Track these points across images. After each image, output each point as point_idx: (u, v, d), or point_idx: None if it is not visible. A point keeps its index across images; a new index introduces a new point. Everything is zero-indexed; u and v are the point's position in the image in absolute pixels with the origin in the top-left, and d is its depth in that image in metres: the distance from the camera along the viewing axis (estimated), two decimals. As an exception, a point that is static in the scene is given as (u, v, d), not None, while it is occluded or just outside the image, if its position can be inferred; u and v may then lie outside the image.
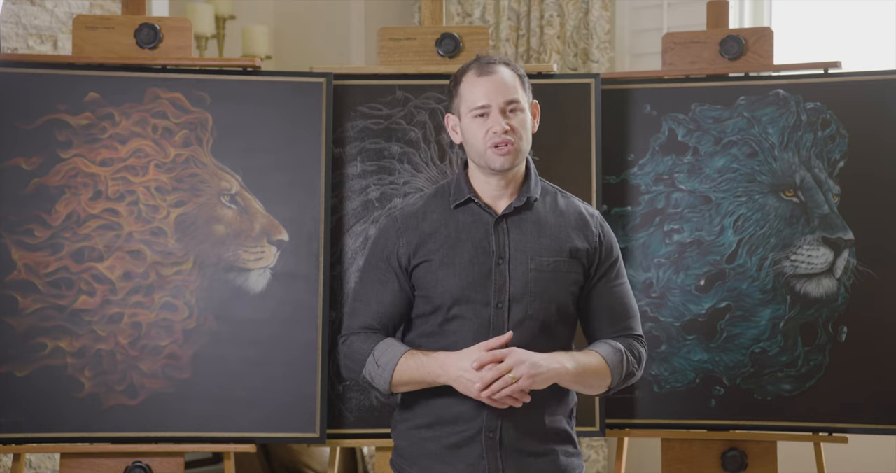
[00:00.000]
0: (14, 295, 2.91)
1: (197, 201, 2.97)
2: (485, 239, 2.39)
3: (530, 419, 2.37)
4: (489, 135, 2.34)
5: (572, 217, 2.45)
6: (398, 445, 2.47)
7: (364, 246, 3.02)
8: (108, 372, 2.92)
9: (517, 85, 2.38)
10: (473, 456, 2.36)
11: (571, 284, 2.40)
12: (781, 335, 3.04)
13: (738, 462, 3.07)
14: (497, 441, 2.35)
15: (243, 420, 2.94)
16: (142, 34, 3.02)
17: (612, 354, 2.39)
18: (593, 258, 2.43)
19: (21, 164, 2.92)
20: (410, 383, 2.37)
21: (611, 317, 2.45)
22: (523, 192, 2.41)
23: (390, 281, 2.44)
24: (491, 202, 2.42)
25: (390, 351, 2.37)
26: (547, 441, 2.39)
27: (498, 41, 4.73)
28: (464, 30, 3.14)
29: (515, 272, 2.36)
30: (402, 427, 2.46)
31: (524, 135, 2.37)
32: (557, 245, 2.40)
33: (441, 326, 2.38)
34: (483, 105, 2.35)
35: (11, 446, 2.91)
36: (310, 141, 3.00)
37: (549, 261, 2.38)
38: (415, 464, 2.42)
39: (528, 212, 2.42)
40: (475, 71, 2.38)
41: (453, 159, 3.05)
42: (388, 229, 2.47)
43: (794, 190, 3.05)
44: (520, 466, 2.36)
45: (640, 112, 3.14)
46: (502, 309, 2.35)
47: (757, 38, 3.12)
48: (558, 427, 2.41)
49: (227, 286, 2.96)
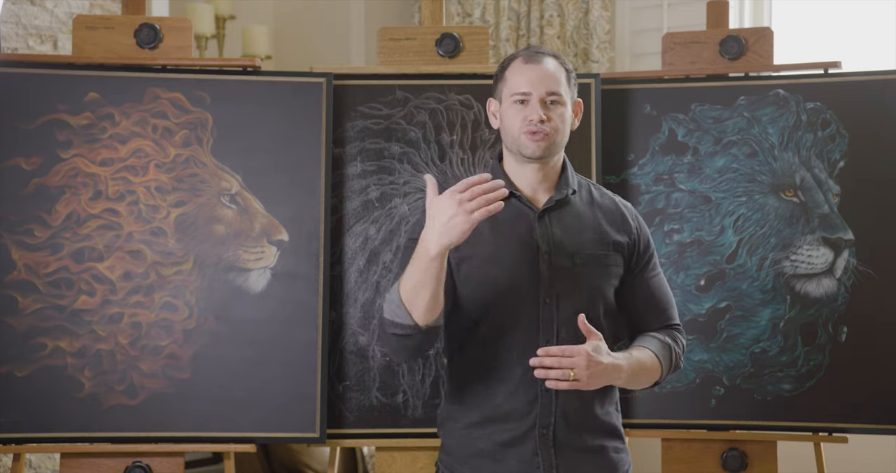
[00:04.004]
0: (14, 295, 2.91)
1: (197, 201, 2.97)
2: (528, 235, 2.36)
3: (582, 414, 2.35)
4: (525, 122, 2.34)
5: (609, 209, 2.44)
6: (446, 443, 2.44)
7: (364, 246, 3.02)
8: (108, 372, 2.92)
9: (562, 79, 2.37)
10: (527, 453, 2.33)
11: (614, 277, 2.39)
12: (781, 335, 3.04)
13: (738, 462, 3.07)
14: (551, 438, 2.33)
15: (243, 420, 2.94)
16: (142, 34, 3.02)
17: (662, 348, 2.38)
18: (633, 250, 2.42)
19: (21, 164, 2.92)
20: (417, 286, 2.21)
21: (654, 309, 2.45)
22: (562, 185, 2.40)
23: None
24: (531, 195, 2.40)
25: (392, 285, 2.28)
26: (599, 437, 2.38)
27: (498, 41, 4.73)
28: (464, 30, 3.14)
29: (561, 266, 2.34)
30: (451, 425, 2.43)
31: (561, 128, 2.36)
32: (600, 238, 2.39)
33: (490, 327, 2.35)
34: (524, 91, 2.34)
35: (11, 446, 2.91)
36: (310, 141, 3.00)
37: (594, 255, 2.37)
38: (466, 463, 2.39)
39: (567, 206, 2.40)
40: (523, 58, 2.38)
41: (453, 159, 3.05)
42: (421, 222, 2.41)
43: (794, 190, 3.05)
44: (573, 462, 2.34)
45: (640, 112, 3.14)
46: (550, 304, 2.33)
47: (757, 38, 3.12)
48: (608, 422, 2.40)
49: (227, 286, 2.96)
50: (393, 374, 3.01)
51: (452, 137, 3.04)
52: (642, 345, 2.39)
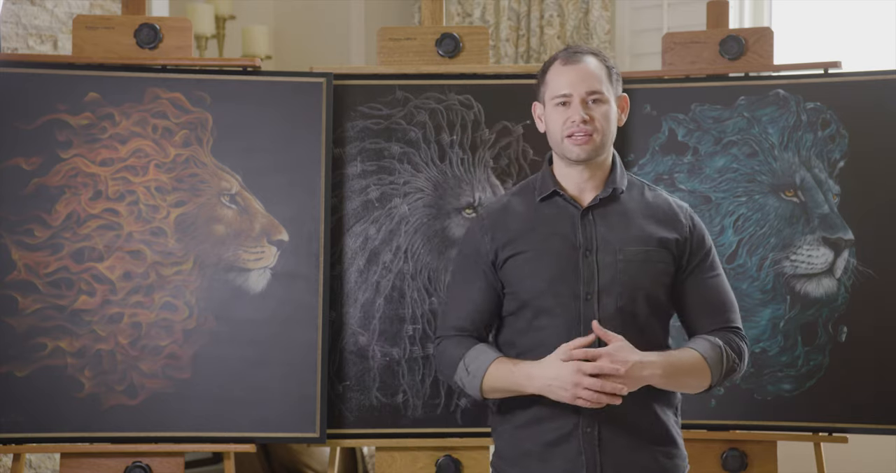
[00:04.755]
0: (14, 295, 2.90)
1: (197, 201, 2.97)
2: (571, 232, 2.37)
3: (630, 415, 2.33)
4: (567, 124, 2.34)
5: (660, 208, 2.43)
6: (498, 446, 2.46)
7: (364, 246, 3.02)
8: (108, 372, 2.92)
9: (602, 76, 2.37)
10: (572, 453, 2.33)
11: (662, 274, 2.38)
12: (781, 335, 3.04)
13: (738, 462, 3.07)
14: (596, 437, 2.32)
15: (243, 420, 2.94)
16: (142, 34, 3.02)
17: (711, 350, 2.35)
18: (684, 248, 2.41)
19: (21, 164, 2.92)
20: (500, 390, 2.36)
21: (708, 310, 2.42)
22: (609, 184, 2.40)
23: (479, 279, 2.43)
24: (577, 194, 2.41)
25: (480, 359, 2.36)
26: (646, 439, 2.36)
27: (498, 41, 4.73)
28: (464, 30, 3.14)
29: (603, 263, 2.34)
30: (501, 428, 2.44)
31: (605, 126, 2.36)
32: (646, 235, 2.38)
33: (531, 322, 2.36)
34: (565, 94, 2.35)
35: (11, 446, 2.91)
36: (310, 141, 3.00)
37: (637, 251, 2.36)
38: (515, 465, 2.39)
39: (614, 204, 2.41)
40: (562, 60, 2.39)
41: (453, 159, 3.05)
42: (473, 228, 2.48)
43: (794, 190, 3.05)
44: (618, 463, 2.33)
45: (640, 112, 3.13)
46: (591, 301, 2.33)
47: (757, 38, 3.12)
48: (659, 426, 2.38)
49: (227, 286, 2.96)
50: (393, 374, 3.01)
51: (452, 137, 3.04)
52: (688, 346, 2.38)
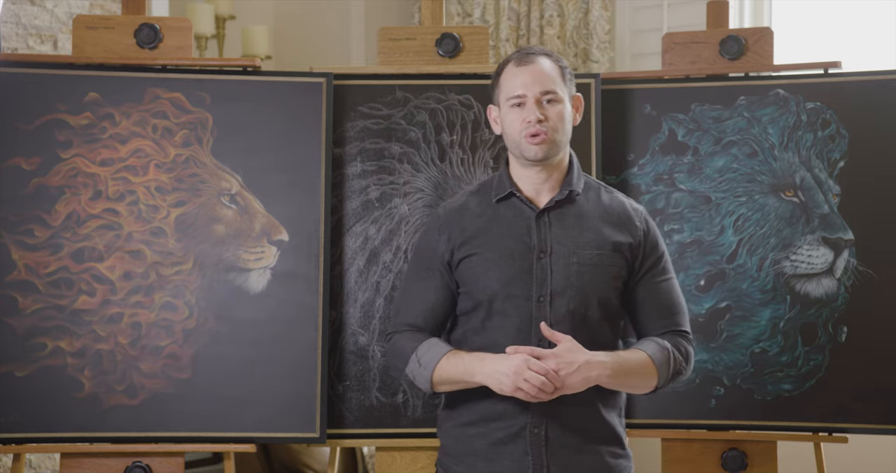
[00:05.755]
0: (14, 295, 2.90)
1: (197, 201, 2.97)
2: (526, 234, 2.38)
3: (577, 416, 2.35)
4: (523, 124, 2.35)
5: (616, 211, 2.44)
6: (444, 443, 2.46)
7: (364, 246, 3.02)
8: (108, 372, 2.92)
9: (556, 76, 2.37)
10: (518, 453, 2.34)
11: (614, 278, 2.39)
12: (781, 335, 3.04)
13: (738, 462, 3.07)
14: (542, 438, 2.33)
15: (243, 420, 2.94)
16: (142, 34, 3.02)
17: (658, 352, 2.37)
18: (637, 252, 2.42)
19: (21, 164, 2.92)
20: (450, 382, 2.37)
21: (657, 313, 2.44)
22: (565, 186, 2.41)
23: (433, 278, 2.44)
24: (533, 196, 2.41)
25: (433, 351, 2.38)
26: (593, 440, 2.38)
27: (498, 41, 4.73)
28: (464, 30, 3.14)
29: (557, 266, 2.35)
30: (448, 425, 2.45)
31: (560, 126, 2.37)
32: (600, 238, 2.39)
33: (484, 322, 2.38)
34: (519, 94, 2.36)
35: (11, 446, 2.91)
36: (310, 141, 3.00)
37: (591, 255, 2.37)
38: (461, 462, 2.40)
39: (570, 206, 2.41)
40: (515, 61, 2.39)
41: (453, 159, 3.05)
42: (430, 226, 2.49)
43: (794, 190, 3.05)
44: (565, 463, 2.34)
45: (640, 112, 3.14)
46: (544, 303, 2.34)
47: (757, 38, 3.12)
48: (605, 426, 2.39)
49: (227, 286, 2.96)
50: (393, 374, 3.01)
51: (452, 137, 3.04)
52: (636, 348, 2.39)
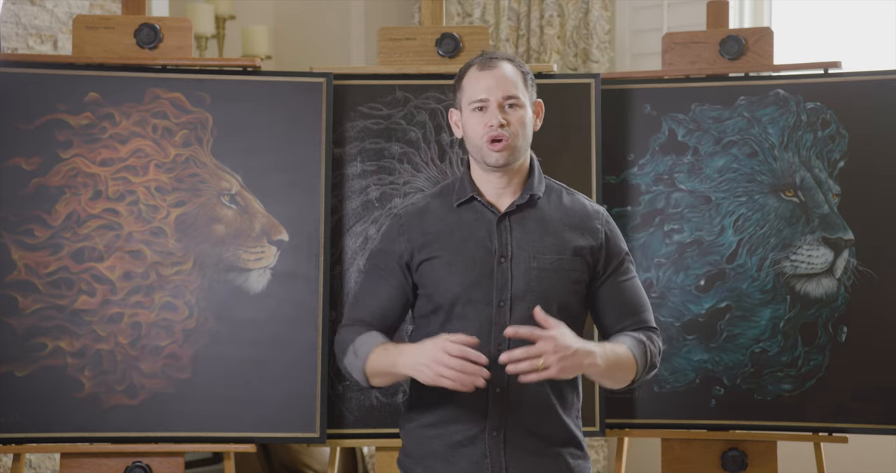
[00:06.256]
0: (14, 295, 2.91)
1: (197, 201, 2.97)
2: (487, 238, 2.38)
3: (535, 419, 2.35)
4: (485, 129, 2.35)
5: (577, 214, 2.43)
6: (405, 444, 2.46)
7: (364, 246, 3.02)
8: (108, 372, 2.92)
9: (518, 81, 2.37)
10: (477, 455, 2.34)
11: (575, 283, 2.39)
12: (781, 335, 3.04)
13: (738, 462, 3.07)
14: (501, 440, 2.34)
15: (243, 420, 2.94)
16: (142, 34, 3.02)
17: (637, 346, 2.36)
18: (598, 255, 2.41)
19: (21, 164, 2.92)
20: (380, 374, 2.35)
21: (624, 312, 2.43)
22: (526, 190, 2.40)
23: (390, 278, 2.44)
24: (494, 200, 2.41)
25: (368, 343, 2.36)
26: (552, 442, 2.37)
27: (498, 41, 4.73)
28: (464, 30, 3.14)
29: (517, 270, 2.35)
30: (409, 426, 2.45)
31: (521, 131, 2.36)
32: (561, 243, 2.38)
33: (443, 326, 2.37)
34: (481, 98, 2.35)
35: (11, 446, 2.91)
36: (310, 141, 3.00)
37: (551, 259, 2.37)
38: (420, 463, 2.41)
39: (531, 210, 2.41)
40: (478, 65, 2.39)
41: (453, 159, 3.05)
42: (390, 228, 2.47)
43: (794, 190, 3.05)
44: (524, 466, 2.34)
45: (640, 112, 3.14)
46: (504, 307, 2.34)
47: (757, 38, 3.12)
48: (564, 428, 2.39)
49: (227, 286, 2.96)
50: (393, 374, 3.01)
51: (452, 137, 3.04)
52: (616, 341, 2.38)
